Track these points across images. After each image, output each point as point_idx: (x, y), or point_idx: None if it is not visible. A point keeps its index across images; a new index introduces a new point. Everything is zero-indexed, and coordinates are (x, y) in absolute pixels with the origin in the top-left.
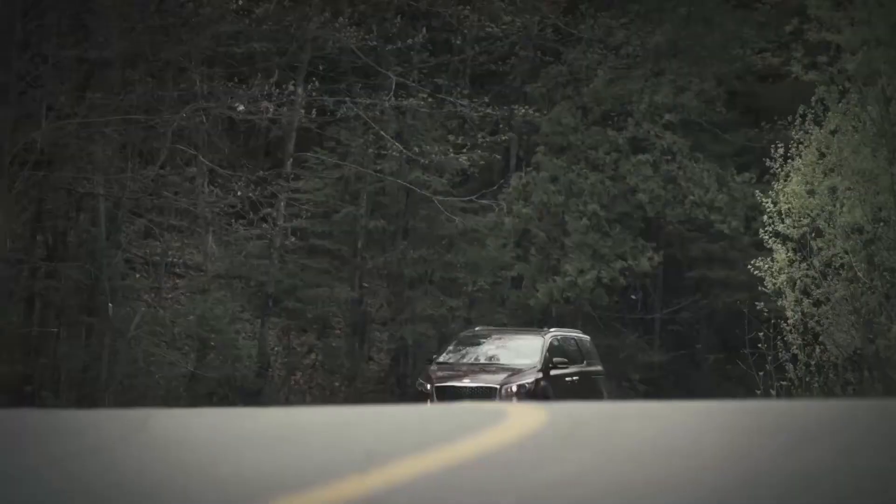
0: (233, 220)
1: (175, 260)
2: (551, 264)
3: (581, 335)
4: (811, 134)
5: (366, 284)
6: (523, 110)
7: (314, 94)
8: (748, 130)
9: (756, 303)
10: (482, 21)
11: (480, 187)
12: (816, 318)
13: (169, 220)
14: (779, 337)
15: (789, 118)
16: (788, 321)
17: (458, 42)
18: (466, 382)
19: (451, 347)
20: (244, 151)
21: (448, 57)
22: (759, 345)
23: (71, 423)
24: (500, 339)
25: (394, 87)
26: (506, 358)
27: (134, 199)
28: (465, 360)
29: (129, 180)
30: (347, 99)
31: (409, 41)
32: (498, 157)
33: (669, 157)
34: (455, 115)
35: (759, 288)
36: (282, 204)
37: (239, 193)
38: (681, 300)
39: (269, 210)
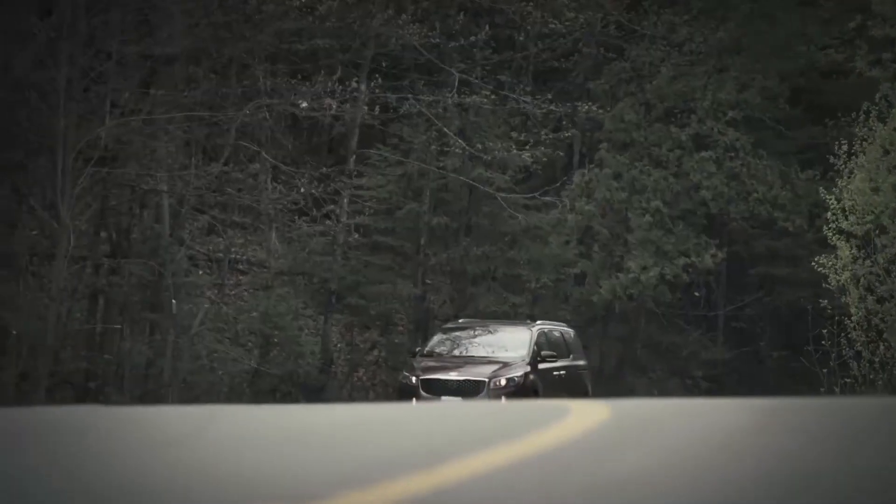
0: (296, 217)
1: (238, 256)
2: (614, 261)
3: (566, 328)
4: (875, 131)
5: (429, 281)
6: (586, 107)
7: (377, 90)
8: (812, 127)
9: (820, 300)
10: (545, 17)
11: (543, 184)
12: (880, 315)
13: (232, 217)
14: (842, 334)
15: (853, 115)
16: (852, 318)
17: (522, 38)
18: (453, 376)
19: (435, 339)
20: (307, 148)
21: (511, 53)
22: (823, 342)
23: (135, 419)
24: (486, 331)
25: (457, 83)
26: (493, 350)
27: (197, 195)
28: (450, 353)
29: (193, 177)
30: (410, 96)
31: (472, 38)
32: (561, 153)
33: (733, 154)
34: (518, 112)
35: (823, 285)
36: (345, 200)
37: (302, 190)
38: (744, 297)
39: (332, 207)
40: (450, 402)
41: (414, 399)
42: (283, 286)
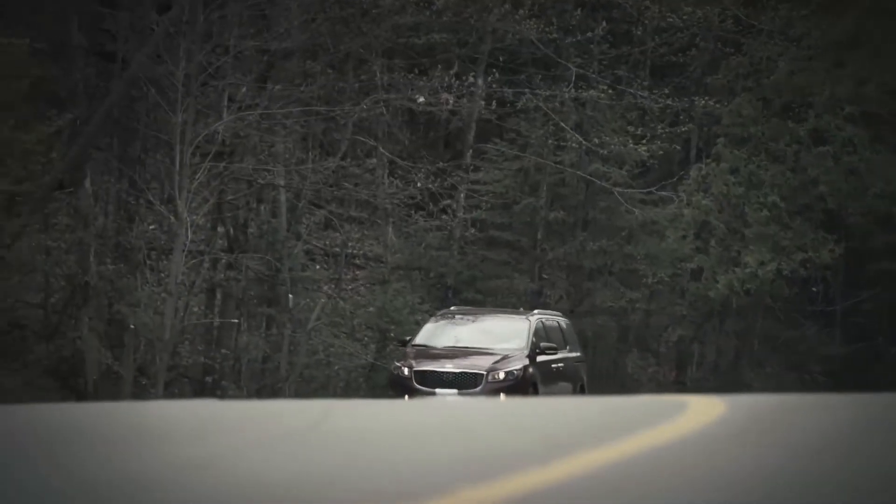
0: (413, 212)
1: (355, 251)
2: (731, 256)
3: (562, 318)
4: None
5: (545, 276)
6: (703, 101)
7: (494, 85)
8: None
9: None
10: (663, 12)
11: (660, 179)
12: None
13: (349, 212)
14: None
15: None
16: None
17: (639, 33)
18: (449, 367)
19: (427, 329)
20: (424, 143)
21: (628, 48)
22: None
23: (252, 413)
24: (481, 320)
25: (574, 78)
26: (489, 341)
27: (314, 190)
28: (444, 344)
29: (310, 171)
30: (527, 90)
31: (590, 33)
32: (678, 148)
33: (850, 149)
34: (635, 107)
35: None
36: (462, 195)
37: (419, 185)
38: (862, 292)
39: (448, 201)
40: (563, 399)
41: (406, 393)
42: (400, 281)
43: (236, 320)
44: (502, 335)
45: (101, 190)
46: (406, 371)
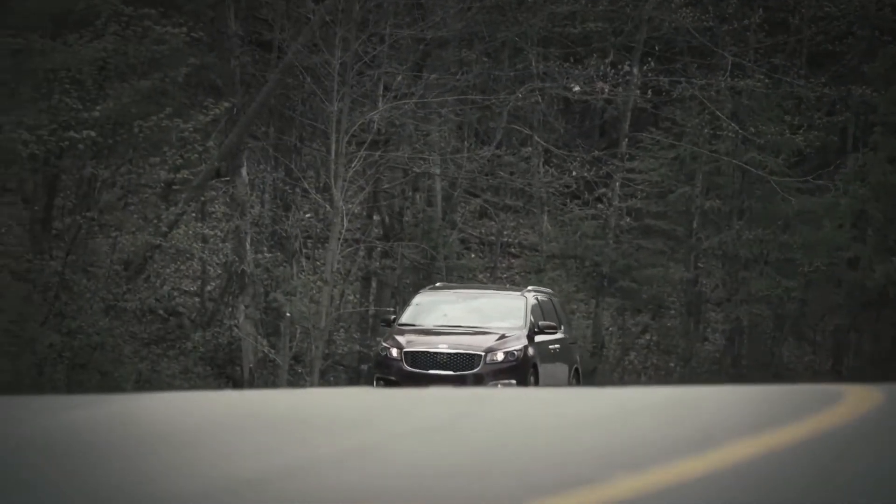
0: (568, 200)
1: (510, 240)
2: (889, 245)
3: (554, 295)
4: None
5: (700, 264)
6: (860, 90)
7: (650, 74)
8: None
9: None
10: (820, 0)
11: (816, 167)
12: None
13: (504, 200)
14: None
15: None
16: None
17: (795, 21)
18: (443, 348)
19: (414, 306)
20: (579, 131)
21: (784, 36)
22: None
23: (407, 401)
24: (473, 297)
25: (730, 66)
26: (483, 320)
27: (470, 178)
28: (435, 322)
29: (465, 160)
30: (683, 79)
31: (746, 21)
32: (834, 137)
33: None
34: (791, 96)
35: None
36: (617, 184)
37: (574, 173)
38: None
39: (604, 190)
40: (715, 388)
41: (395, 375)
42: (555, 270)
43: (391, 308)
44: (497, 313)
45: (257, 178)
46: (395, 352)
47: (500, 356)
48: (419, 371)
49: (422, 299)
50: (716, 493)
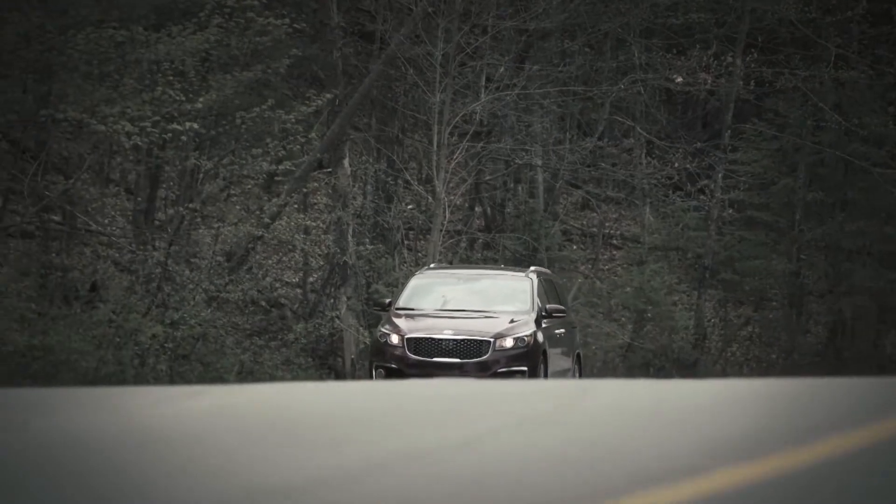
0: (670, 192)
1: (612, 231)
2: None
3: (554, 276)
4: None
5: (803, 256)
6: None
7: (752, 65)
8: None
9: None
10: None
11: None
12: None
13: (606, 191)
14: None
15: None
16: None
17: None
18: (448, 334)
19: (411, 289)
20: (682, 122)
21: (889, 27)
22: None
23: (508, 393)
24: (474, 279)
25: (833, 58)
26: (487, 303)
27: (572, 169)
28: (435, 306)
29: (567, 151)
30: (786, 70)
31: (849, 12)
32: None
33: None
34: (895, 87)
35: None
36: (719, 175)
37: (676, 165)
38: None
39: (706, 181)
40: (812, 380)
41: (396, 363)
42: (657, 261)
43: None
44: (501, 296)
45: (359, 170)
46: (395, 339)
47: (509, 342)
48: (423, 359)
49: (419, 282)
50: (819, 485)
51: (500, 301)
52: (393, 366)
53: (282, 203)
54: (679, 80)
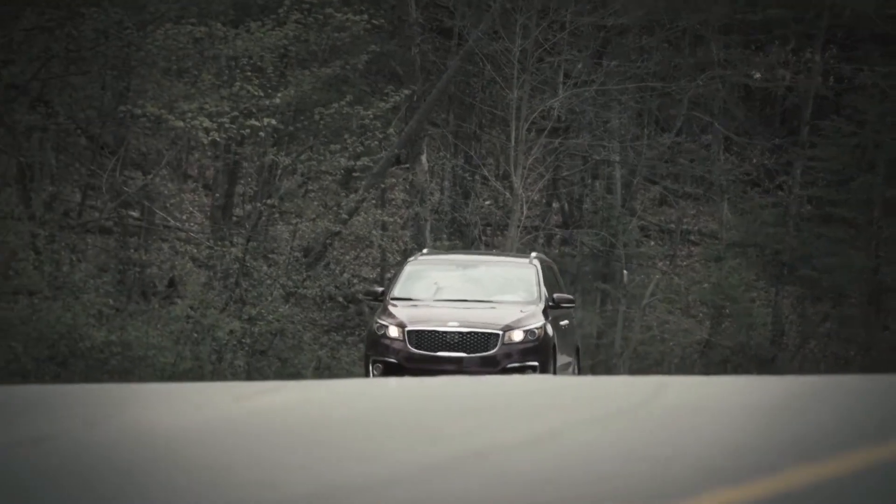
0: (748, 188)
1: (690, 227)
2: None
3: (553, 263)
4: None
5: (881, 253)
6: None
7: (831, 61)
8: None
9: None
10: None
11: None
12: None
13: (684, 188)
14: None
15: None
16: None
17: None
18: (452, 326)
19: (406, 277)
20: (760, 118)
21: None
22: None
23: (586, 389)
24: (472, 266)
25: None
26: (490, 292)
27: (649, 165)
28: (434, 296)
29: (645, 147)
30: (865, 67)
31: None
32: None
33: None
34: None
35: None
36: (797, 171)
37: (755, 161)
38: None
39: (784, 178)
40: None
41: (395, 356)
42: (735, 257)
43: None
44: (505, 284)
45: (437, 165)
46: (395, 331)
47: (518, 335)
48: (425, 353)
49: (414, 268)
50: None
51: (504, 290)
52: (392, 360)
53: (359, 199)
54: (757, 76)
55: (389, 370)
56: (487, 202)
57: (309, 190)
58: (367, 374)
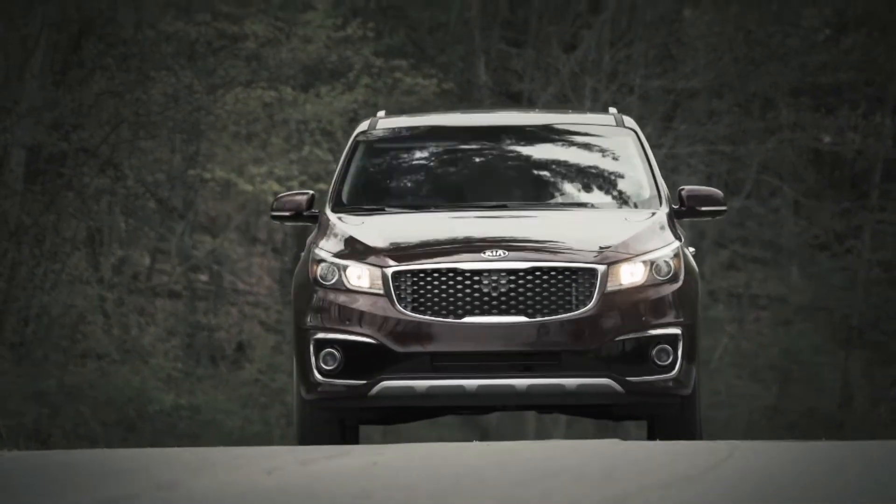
0: (817, 251)
1: (758, 291)
2: None
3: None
4: None
5: None
6: None
7: None
8: None
9: None
10: None
11: None
12: None
13: (753, 251)
14: None
15: None
16: None
17: None
18: (492, 258)
19: (357, 163)
20: (829, 182)
21: None
22: None
23: (655, 452)
24: (501, 136)
25: None
26: (550, 188)
27: (718, 229)
28: (426, 196)
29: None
30: None
31: None
32: None
33: None
34: None
35: None
36: (867, 235)
37: (824, 225)
38: None
39: (853, 241)
40: None
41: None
42: (804, 321)
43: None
44: (578, 171)
45: None
46: (363, 276)
47: (636, 272)
48: (436, 319)
49: (368, 151)
50: None
51: (580, 181)
52: (365, 338)
53: None
54: (827, 139)
55: (359, 359)
56: None
57: None
58: (307, 365)
